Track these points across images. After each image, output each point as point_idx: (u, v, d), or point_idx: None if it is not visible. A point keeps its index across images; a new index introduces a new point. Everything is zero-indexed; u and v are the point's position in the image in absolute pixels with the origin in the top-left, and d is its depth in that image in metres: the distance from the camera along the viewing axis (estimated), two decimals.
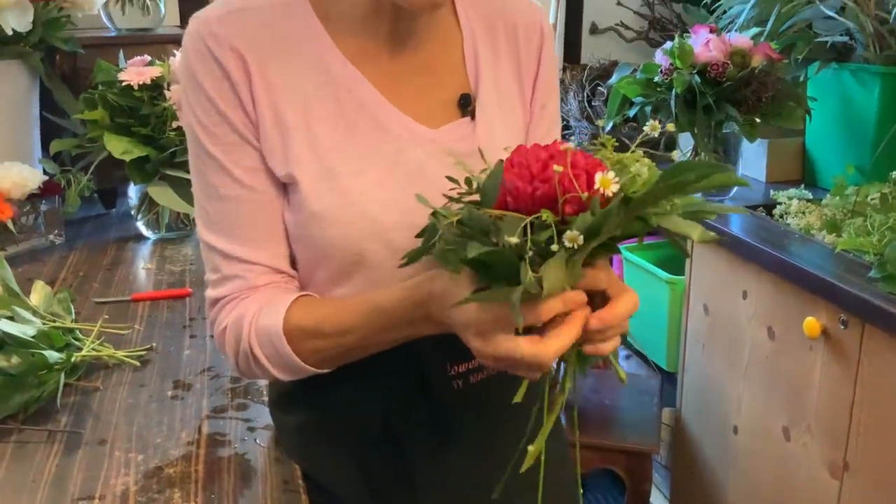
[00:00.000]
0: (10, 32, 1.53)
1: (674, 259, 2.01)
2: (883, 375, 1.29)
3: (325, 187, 0.81)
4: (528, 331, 0.68)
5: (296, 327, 0.81)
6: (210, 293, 0.86)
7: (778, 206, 1.71)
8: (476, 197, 0.72)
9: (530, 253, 0.64)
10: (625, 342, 1.77)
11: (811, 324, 1.41)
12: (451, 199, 0.73)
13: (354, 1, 0.83)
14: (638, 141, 0.73)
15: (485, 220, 0.67)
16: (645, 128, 0.73)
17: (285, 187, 0.84)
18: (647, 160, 0.70)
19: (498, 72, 0.91)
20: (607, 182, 0.64)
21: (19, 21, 1.52)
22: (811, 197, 1.73)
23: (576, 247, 0.63)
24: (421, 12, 0.82)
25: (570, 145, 0.69)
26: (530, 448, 0.72)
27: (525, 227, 0.65)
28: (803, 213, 1.63)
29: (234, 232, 0.83)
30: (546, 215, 0.64)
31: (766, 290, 1.55)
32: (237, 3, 0.83)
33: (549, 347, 0.67)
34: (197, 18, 0.82)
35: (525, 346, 0.67)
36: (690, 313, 1.80)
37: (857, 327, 1.32)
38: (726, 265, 1.65)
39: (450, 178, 0.75)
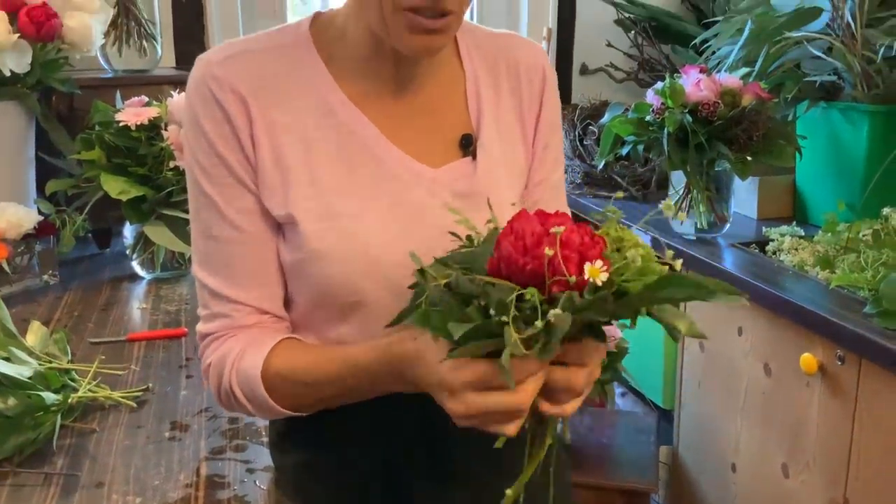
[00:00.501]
0: (7, 74, 1.54)
1: None
2: (881, 411, 1.29)
3: (326, 226, 0.81)
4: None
5: (274, 374, 0.81)
6: (199, 328, 0.87)
7: (770, 243, 1.72)
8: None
9: (515, 312, 0.64)
10: (620, 379, 1.76)
11: (808, 360, 1.41)
12: (437, 260, 0.73)
13: (357, 44, 0.84)
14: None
15: (472, 286, 0.67)
16: (660, 206, 0.73)
17: (281, 228, 0.84)
18: (644, 246, 0.70)
19: (500, 112, 0.92)
20: (595, 272, 0.65)
21: (18, 62, 1.53)
22: (803, 234, 1.74)
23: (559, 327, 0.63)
24: (420, 58, 0.84)
25: (568, 216, 0.69)
26: (508, 492, 0.72)
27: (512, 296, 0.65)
28: (796, 249, 1.64)
29: (223, 271, 0.84)
30: (531, 294, 0.64)
31: (761, 326, 1.56)
32: (240, 45, 0.85)
33: (522, 397, 0.68)
34: (200, 61, 0.83)
35: (497, 397, 0.68)
36: (686, 350, 1.80)
37: (854, 363, 1.32)
38: (722, 303, 1.65)
39: (453, 234, 0.75)
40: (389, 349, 0.75)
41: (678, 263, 0.72)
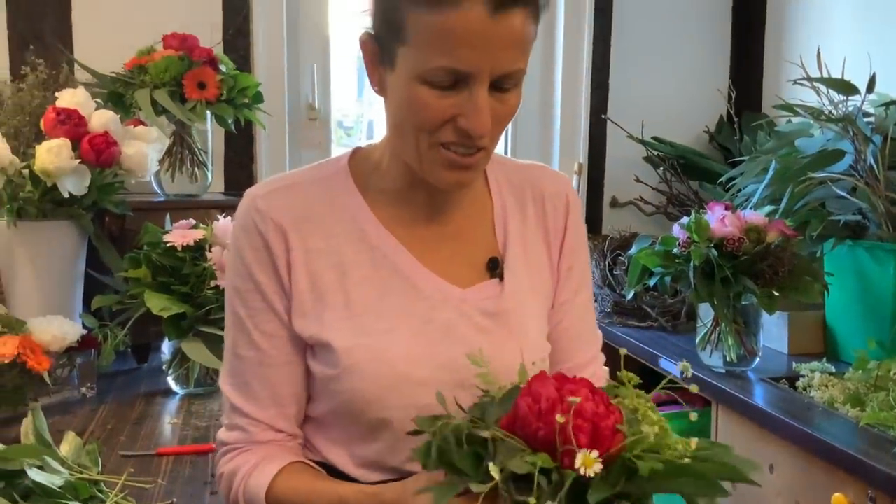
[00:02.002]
0: (66, 196, 1.64)
1: (700, 429, 1.99)
2: None
3: (357, 344, 0.86)
4: None
5: (274, 497, 0.87)
6: (219, 435, 0.95)
7: (801, 379, 1.71)
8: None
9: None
10: None
11: (839, 500, 1.38)
12: (438, 419, 0.73)
13: (393, 175, 0.92)
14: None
15: (480, 441, 0.68)
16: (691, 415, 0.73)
17: (312, 349, 0.89)
18: (659, 421, 0.70)
19: (526, 238, 0.97)
20: (589, 461, 0.64)
21: (76, 186, 1.63)
22: (834, 370, 1.73)
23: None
24: (453, 191, 0.90)
25: (586, 381, 0.69)
26: None
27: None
28: (826, 386, 1.63)
29: (243, 388, 0.91)
30: (543, 461, 0.65)
31: (792, 464, 1.53)
32: (287, 179, 0.94)
33: None
34: (248, 195, 0.93)
35: None
36: None
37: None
38: (752, 438, 1.63)
39: (482, 390, 0.76)
40: (379, 494, 0.80)
41: (694, 388, 0.73)
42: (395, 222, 0.92)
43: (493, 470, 0.64)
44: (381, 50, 0.85)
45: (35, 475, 1.04)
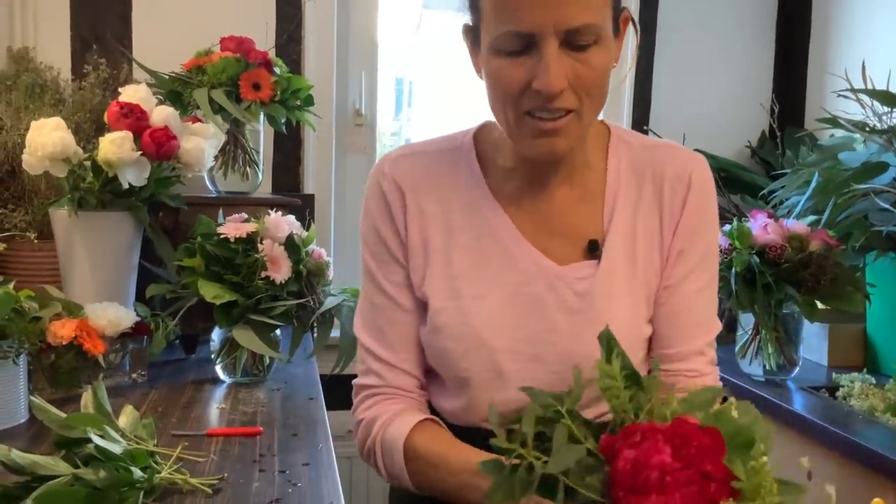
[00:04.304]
0: (126, 187, 1.70)
1: None
2: None
3: (449, 305, 0.92)
4: None
5: (412, 448, 0.92)
6: (356, 381, 1.02)
7: (841, 389, 1.71)
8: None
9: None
10: None
11: None
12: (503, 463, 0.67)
13: (506, 154, 0.98)
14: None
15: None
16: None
17: (424, 305, 0.96)
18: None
19: (637, 219, 0.97)
20: None
21: (136, 178, 1.70)
22: (874, 381, 1.73)
23: None
24: (546, 161, 0.93)
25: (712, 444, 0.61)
26: None
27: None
28: (866, 395, 1.63)
29: (377, 334, 0.99)
30: None
31: (831, 470, 1.53)
32: (417, 147, 1.03)
33: None
34: (381, 157, 1.02)
35: None
36: None
37: None
38: (791, 444, 1.64)
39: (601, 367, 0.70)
40: None
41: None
42: (505, 196, 0.97)
43: None
44: (473, 35, 0.90)
45: (98, 440, 1.08)
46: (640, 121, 2.59)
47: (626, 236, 0.97)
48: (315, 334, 1.76)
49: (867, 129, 1.86)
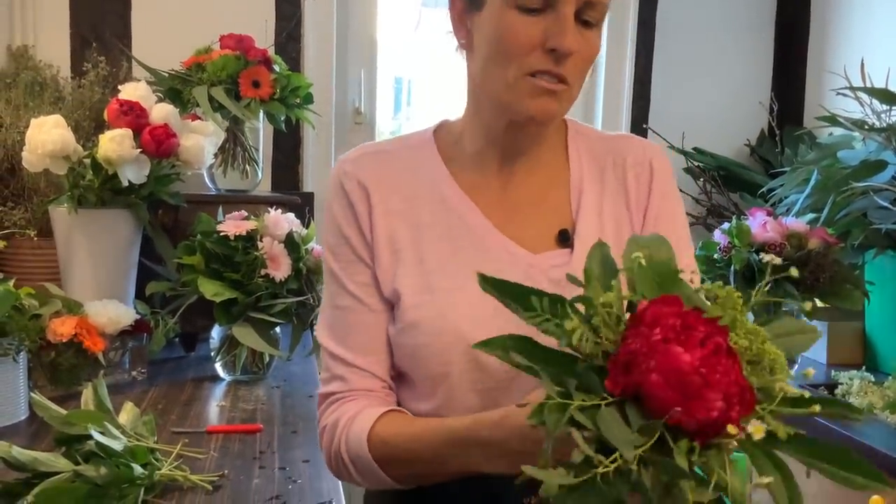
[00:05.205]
0: (125, 184, 1.70)
1: None
2: None
3: (424, 300, 0.90)
4: None
5: (378, 438, 0.88)
6: (320, 389, 0.98)
7: (839, 386, 1.71)
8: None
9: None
10: None
11: (877, 503, 1.38)
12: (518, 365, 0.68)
13: (473, 139, 0.97)
14: None
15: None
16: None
17: (392, 305, 0.94)
18: (777, 356, 0.65)
19: (603, 207, 0.98)
20: (758, 430, 0.59)
21: (136, 175, 1.70)
22: (873, 379, 1.73)
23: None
24: (538, 122, 0.91)
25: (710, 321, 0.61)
26: None
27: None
28: (865, 392, 1.64)
29: (341, 337, 0.96)
30: (681, 449, 0.58)
31: None
32: (376, 146, 1.01)
33: None
34: (339, 160, 1.00)
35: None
36: (754, 492, 1.77)
37: None
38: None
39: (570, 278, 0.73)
40: (508, 417, 0.77)
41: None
42: (473, 188, 0.97)
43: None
44: None
45: (98, 437, 1.09)
46: (640, 119, 2.59)
47: (595, 223, 0.97)
48: (314, 332, 1.76)
49: (866, 127, 1.86)
